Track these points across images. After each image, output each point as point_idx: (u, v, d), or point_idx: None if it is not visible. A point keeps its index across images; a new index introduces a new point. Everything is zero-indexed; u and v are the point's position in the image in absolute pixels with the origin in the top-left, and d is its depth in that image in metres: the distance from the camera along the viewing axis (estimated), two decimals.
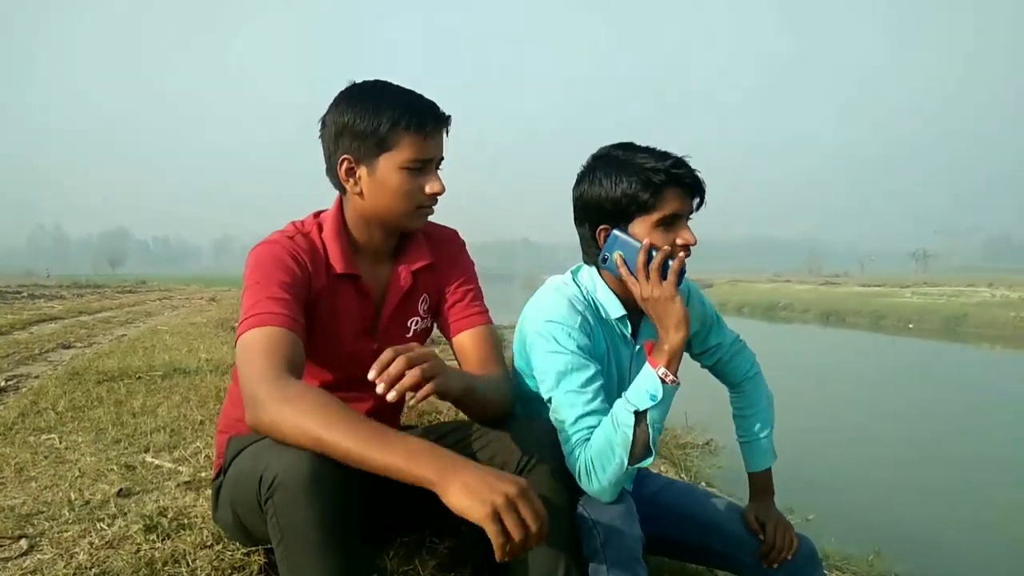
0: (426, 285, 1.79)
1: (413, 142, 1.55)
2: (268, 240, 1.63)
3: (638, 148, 1.67)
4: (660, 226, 1.63)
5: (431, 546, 1.97)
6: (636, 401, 1.52)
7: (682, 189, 1.63)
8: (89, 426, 3.46)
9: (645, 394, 1.52)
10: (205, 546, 1.88)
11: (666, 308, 1.56)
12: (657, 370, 1.53)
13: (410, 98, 1.56)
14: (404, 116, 1.53)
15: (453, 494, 1.19)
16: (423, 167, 1.58)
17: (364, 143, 1.56)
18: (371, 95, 1.57)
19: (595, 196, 1.67)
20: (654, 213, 1.62)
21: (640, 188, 1.61)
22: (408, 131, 1.53)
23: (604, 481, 1.55)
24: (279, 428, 1.29)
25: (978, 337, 22.18)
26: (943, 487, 6.51)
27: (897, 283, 46.44)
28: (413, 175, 1.58)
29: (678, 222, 1.64)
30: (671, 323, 1.55)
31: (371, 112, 1.54)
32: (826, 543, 4.14)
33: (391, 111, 1.53)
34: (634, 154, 1.65)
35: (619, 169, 1.64)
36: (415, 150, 1.55)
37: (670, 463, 5.09)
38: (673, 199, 1.62)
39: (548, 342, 1.65)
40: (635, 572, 1.55)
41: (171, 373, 5.09)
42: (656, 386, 1.52)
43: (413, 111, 1.53)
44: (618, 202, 1.64)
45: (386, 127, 1.53)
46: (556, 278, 1.82)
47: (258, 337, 1.42)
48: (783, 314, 32.88)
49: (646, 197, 1.61)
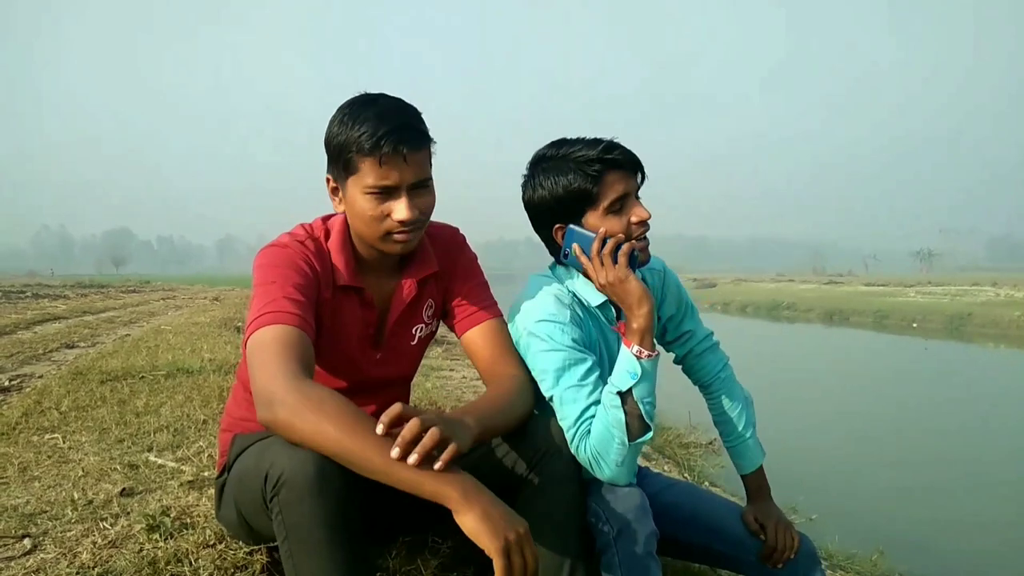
0: (431, 291, 1.78)
1: (371, 167, 1.49)
2: (280, 243, 1.61)
3: (570, 142, 1.71)
4: (610, 212, 1.68)
5: (433, 546, 1.97)
6: (619, 383, 1.57)
7: (620, 171, 1.67)
8: (92, 426, 3.46)
9: (626, 374, 1.57)
10: (208, 545, 1.88)
11: (624, 288, 1.61)
12: (631, 349, 1.58)
13: (380, 120, 1.48)
14: (362, 140, 1.47)
15: (471, 519, 1.23)
16: (388, 192, 1.52)
17: (336, 164, 1.54)
18: (350, 114, 1.51)
19: (541, 199, 1.72)
20: (601, 202, 1.67)
21: (580, 181, 1.66)
22: (364, 155, 1.48)
23: (612, 464, 1.59)
24: (298, 429, 1.28)
25: (983, 336, 22.13)
26: (946, 487, 6.49)
27: (901, 283, 46.37)
28: (378, 200, 1.52)
29: (627, 202, 1.69)
30: (632, 301, 1.60)
31: (341, 134, 1.50)
32: (829, 543, 4.14)
33: (355, 133, 1.48)
34: (567, 149, 1.69)
35: (556, 168, 1.69)
36: (374, 176, 1.49)
37: (673, 463, 5.09)
38: (615, 183, 1.67)
39: (543, 341, 1.66)
40: (647, 566, 1.55)
41: (174, 373, 5.10)
42: (633, 364, 1.57)
43: (373, 135, 1.46)
44: (563, 200, 1.69)
45: (347, 151, 1.49)
46: (536, 276, 1.85)
47: (273, 335, 1.41)
48: (787, 313, 32.84)
49: (588, 188, 1.66)
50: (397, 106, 1.53)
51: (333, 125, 1.53)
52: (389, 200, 1.53)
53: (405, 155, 1.48)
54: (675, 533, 1.81)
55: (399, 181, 1.51)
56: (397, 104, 1.54)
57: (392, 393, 1.85)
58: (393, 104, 1.53)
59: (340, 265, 1.63)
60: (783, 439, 1.82)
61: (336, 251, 1.64)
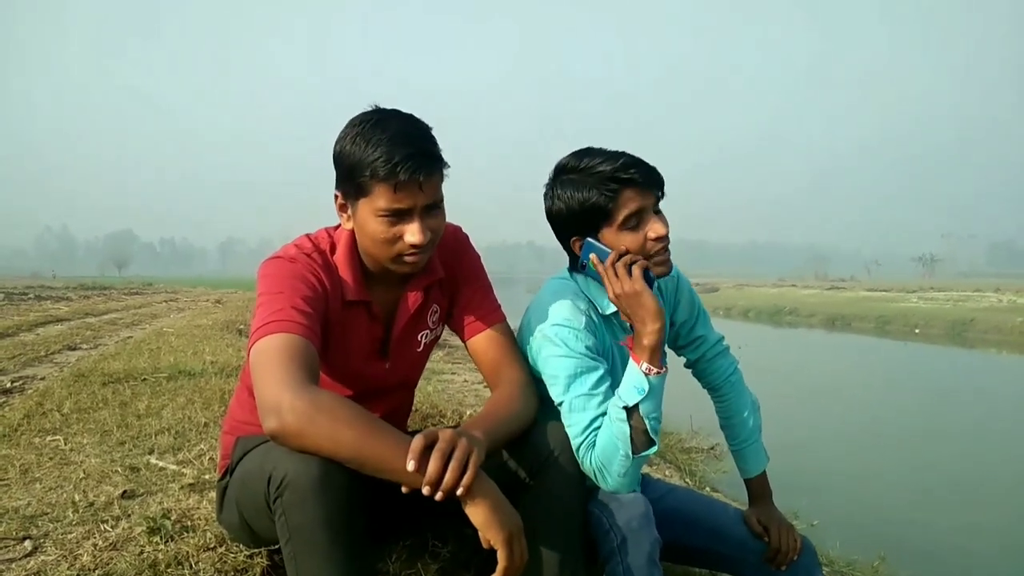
0: (436, 296, 1.78)
1: (385, 191, 1.47)
2: (288, 256, 1.60)
3: (592, 153, 1.69)
4: (626, 228, 1.67)
5: (434, 550, 1.97)
6: (626, 397, 1.57)
7: (637, 188, 1.66)
8: (94, 428, 3.46)
9: (633, 390, 1.57)
10: (208, 548, 1.88)
11: (637, 301, 1.60)
12: (640, 365, 1.57)
13: (393, 142, 1.45)
14: (376, 164, 1.44)
15: (480, 511, 1.31)
16: (401, 215, 1.50)
17: (348, 184, 1.52)
18: (360, 134, 1.48)
19: (560, 211, 1.72)
20: (616, 218, 1.66)
21: (597, 197, 1.65)
22: (378, 180, 1.46)
23: (615, 475, 1.60)
24: (310, 435, 1.28)
25: (985, 342, 22.09)
26: (948, 493, 6.48)
27: (903, 288, 46.29)
28: (390, 223, 1.51)
29: (644, 217, 1.67)
30: (645, 315, 1.59)
31: (353, 155, 1.48)
32: (831, 548, 4.12)
33: (368, 156, 1.45)
34: (589, 161, 1.68)
35: (575, 181, 1.68)
36: (387, 199, 1.47)
37: (675, 467, 5.08)
38: (630, 200, 1.65)
39: (557, 346, 1.66)
40: (651, 574, 1.55)
41: (176, 375, 5.10)
42: (641, 381, 1.57)
43: (387, 160, 1.44)
44: (580, 215, 1.69)
45: (360, 173, 1.47)
46: (555, 279, 1.84)
47: (279, 343, 1.40)
48: (789, 319, 32.82)
49: (603, 204, 1.65)
50: (412, 127, 1.51)
51: (345, 143, 1.50)
52: (401, 223, 1.52)
53: (421, 182, 1.47)
54: (677, 538, 1.81)
55: (412, 205, 1.50)
56: (411, 124, 1.51)
57: (397, 398, 1.86)
58: (407, 125, 1.51)
59: (348, 279, 1.63)
60: (786, 444, 1.82)
61: (343, 265, 1.63)
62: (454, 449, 1.28)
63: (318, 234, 1.69)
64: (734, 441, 2.03)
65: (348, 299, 1.63)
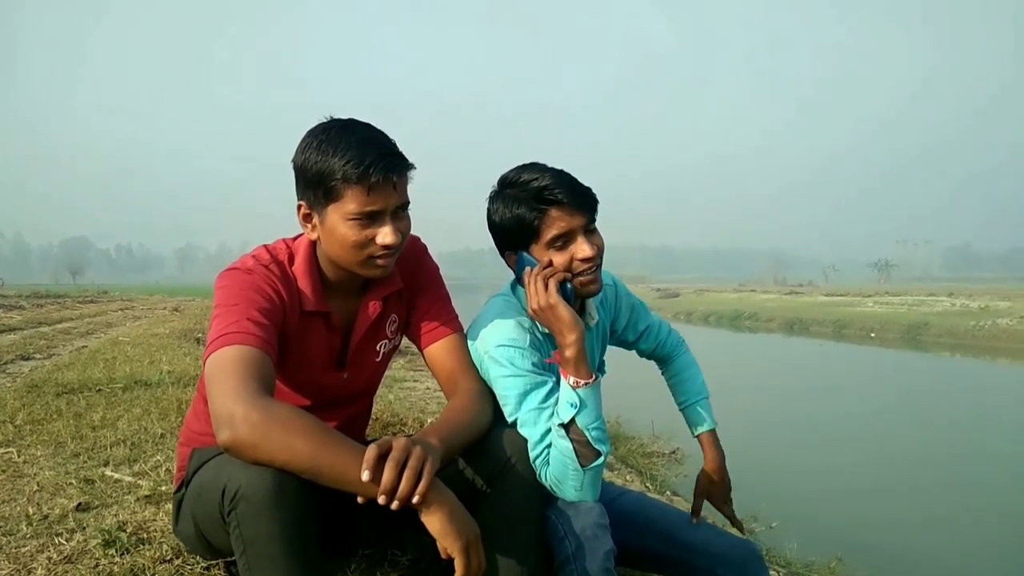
0: (395, 306, 1.79)
1: (356, 195, 1.48)
2: (245, 267, 1.59)
3: (531, 168, 1.70)
4: (552, 247, 1.68)
5: (392, 559, 1.97)
6: (561, 414, 1.59)
7: (563, 207, 1.66)
8: (48, 439, 3.40)
9: (566, 405, 1.59)
10: (164, 560, 1.87)
11: (553, 314, 1.61)
12: (568, 380, 1.60)
13: (361, 146, 1.47)
14: (348, 168, 1.46)
15: (437, 519, 1.32)
16: (373, 217, 1.52)
17: (315, 192, 1.53)
18: (326, 141, 1.49)
19: (495, 225, 1.75)
20: (544, 236, 1.67)
21: (526, 213, 1.67)
22: (351, 184, 1.47)
23: (572, 490, 1.62)
24: (263, 448, 1.28)
25: (939, 346, 22.61)
26: (903, 492, 6.63)
27: (860, 292, 47.16)
28: (361, 226, 1.51)
29: (572, 238, 1.68)
30: (562, 327, 1.60)
31: (320, 161, 1.48)
32: (788, 550, 4.20)
33: (338, 161, 1.46)
34: (526, 176, 1.69)
35: (511, 196, 1.69)
36: (359, 202, 1.48)
37: (636, 472, 5.13)
38: (557, 219, 1.66)
39: (504, 367, 1.68)
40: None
41: (132, 385, 5.03)
42: (571, 395, 1.59)
43: (359, 162, 1.45)
44: (511, 230, 1.71)
45: (331, 178, 1.47)
46: (498, 297, 1.85)
47: (233, 355, 1.40)
48: (748, 323, 33.28)
49: (531, 222, 1.66)
50: (375, 132, 1.54)
51: (308, 152, 1.51)
52: (373, 226, 1.53)
53: (395, 182, 1.50)
54: (629, 541, 1.84)
55: (384, 207, 1.51)
56: (374, 130, 1.54)
57: (355, 407, 1.86)
58: (371, 130, 1.53)
59: (307, 290, 1.63)
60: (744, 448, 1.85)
61: (302, 275, 1.63)
62: (408, 458, 1.29)
63: (276, 245, 1.69)
64: (683, 397, 2.09)
65: (306, 309, 1.63)
